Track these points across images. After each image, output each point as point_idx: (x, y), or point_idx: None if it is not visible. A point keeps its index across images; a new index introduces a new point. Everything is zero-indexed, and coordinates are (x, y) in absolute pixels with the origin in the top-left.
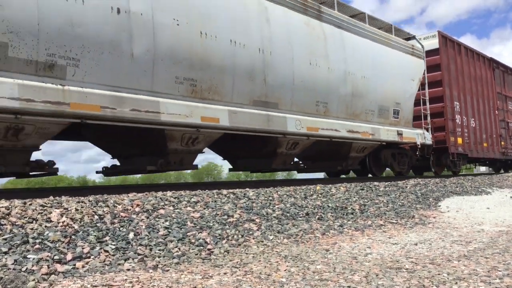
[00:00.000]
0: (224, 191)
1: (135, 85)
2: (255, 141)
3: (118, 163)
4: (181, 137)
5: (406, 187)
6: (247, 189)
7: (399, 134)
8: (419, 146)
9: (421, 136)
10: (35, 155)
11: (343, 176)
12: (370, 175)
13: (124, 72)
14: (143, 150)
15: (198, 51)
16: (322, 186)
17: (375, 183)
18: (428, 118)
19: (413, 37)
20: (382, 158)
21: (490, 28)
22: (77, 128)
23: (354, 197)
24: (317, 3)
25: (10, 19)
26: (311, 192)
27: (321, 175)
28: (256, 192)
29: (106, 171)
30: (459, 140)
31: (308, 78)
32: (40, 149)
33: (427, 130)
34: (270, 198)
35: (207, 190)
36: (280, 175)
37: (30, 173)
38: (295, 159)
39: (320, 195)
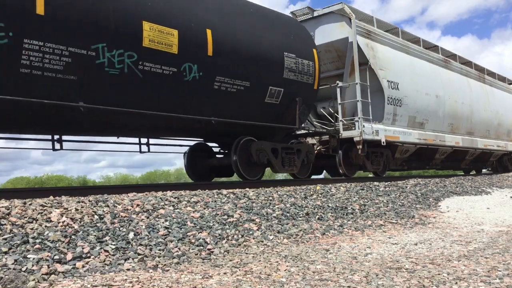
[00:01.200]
0: (224, 191)
1: (439, 128)
2: (454, 153)
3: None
4: (441, 152)
5: (406, 187)
6: (247, 189)
7: None
8: None
9: None
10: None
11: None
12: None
13: (437, 123)
14: (420, 159)
15: (454, 109)
16: (322, 186)
17: (375, 183)
18: None
19: None
20: (503, 161)
21: (491, 28)
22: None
23: (354, 197)
24: (472, 68)
25: (415, 108)
26: (311, 192)
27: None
28: (256, 192)
29: (397, 169)
30: None
31: (483, 117)
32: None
33: None
34: (270, 198)
35: (207, 190)
36: (280, 175)
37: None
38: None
39: (320, 195)
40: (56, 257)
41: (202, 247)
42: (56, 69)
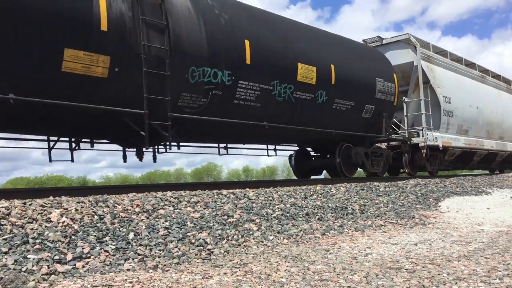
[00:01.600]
0: (224, 191)
1: (479, 134)
2: (488, 155)
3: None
4: (478, 154)
5: (406, 187)
6: (247, 189)
7: None
8: None
9: None
10: None
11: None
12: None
13: (478, 130)
14: (461, 161)
15: (490, 118)
16: (322, 186)
17: (375, 183)
18: None
19: None
20: None
21: (491, 28)
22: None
23: (354, 197)
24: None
25: (462, 118)
26: (311, 192)
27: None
28: (256, 192)
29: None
30: None
31: (511, 124)
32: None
33: None
34: (270, 198)
35: (207, 190)
36: (280, 175)
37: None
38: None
39: (320, 195)
40: (56, 257)
41: (202, 247)
42: (251, 99)
